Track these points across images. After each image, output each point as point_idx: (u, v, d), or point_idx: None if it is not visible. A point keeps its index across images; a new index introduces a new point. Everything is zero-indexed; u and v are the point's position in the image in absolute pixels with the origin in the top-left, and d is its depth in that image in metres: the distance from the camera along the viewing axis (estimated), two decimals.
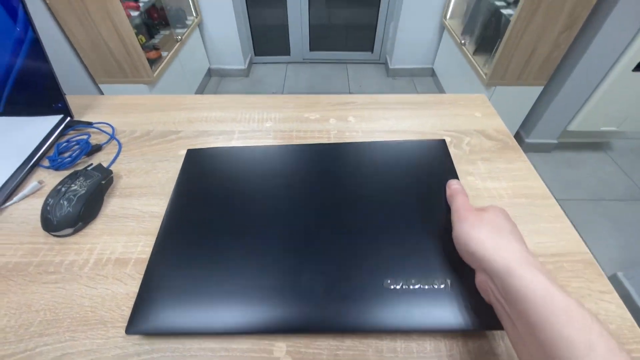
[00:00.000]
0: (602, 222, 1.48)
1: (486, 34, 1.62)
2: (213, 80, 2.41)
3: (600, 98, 1.50)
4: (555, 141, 1.74)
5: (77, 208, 0.37)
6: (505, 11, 1.42)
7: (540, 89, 1.52)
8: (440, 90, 2.19)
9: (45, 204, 0.38)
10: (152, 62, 1.65)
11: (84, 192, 0.39)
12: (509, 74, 1.45)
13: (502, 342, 0.28)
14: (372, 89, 2.34)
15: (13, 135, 0.50)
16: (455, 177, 0.38)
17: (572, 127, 1.64)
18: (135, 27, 1.55)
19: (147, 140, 0.50)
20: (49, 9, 1.32)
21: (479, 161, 0.46)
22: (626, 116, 1.57)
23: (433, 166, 0.39)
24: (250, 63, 2.53)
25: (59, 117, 0.53)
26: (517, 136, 1.77)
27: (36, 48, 0.48)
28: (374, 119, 0.53)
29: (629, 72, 1.39)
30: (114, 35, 1.41)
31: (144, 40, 1.71)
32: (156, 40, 1.84)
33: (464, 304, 0.28)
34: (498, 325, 0.24)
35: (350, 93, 2.30)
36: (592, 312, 0.19)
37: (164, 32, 1.91)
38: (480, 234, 0.25)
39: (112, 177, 0.44)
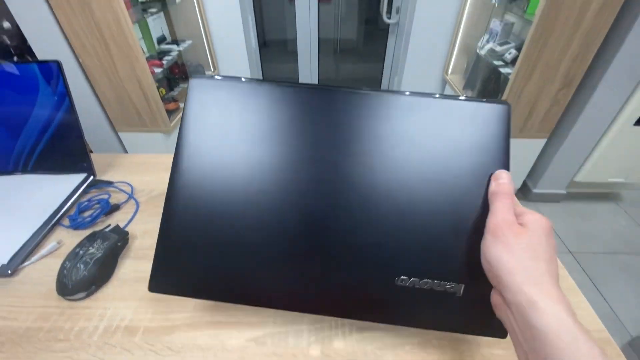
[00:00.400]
0: (622, 278, 1.42)
1: (487, 89, 1.70)
2: None
3: (604, 151, 1.52)
4: (563, 192, 1.73)
5: (92, 271, 0.38)
6: (503, 70, 1.50)
7: (543, 141, 1.56)
8: None
9: (62, 267, 0.39)
10: (170, 112, 1.75)
11: (100, 255, 0.40)
12: (512, 127, 1.49)
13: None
14: None
15: (39, 193, 0.53)
16: (507, 165, 0.28)
17: (579, 178, 1.65)
18: (157, 81, 1.67)
19: (163, 200, 0.52)
20: (82, 69, 1.45)
21: None
22: (632, 168, 1.58)
23: (482, 143, 0.28)
24: None
25: (82, 176, 0.56)
26: (525, 186, 1.77)
27: (70, 114, 0.53)
28: None
29: (630, 126, 1.42)
30: (138, 90, 1.52)
31: (164, 92, 1.84)
32: (175, 93, 1.97)
33: (475, 310, 0.27)
34: (504, 333, 0.25)
35: None
36: None
37: (183, 85, 2.05)
38: (511, 260, 0.23)
39: (127, 238, 0.45)
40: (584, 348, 0.18)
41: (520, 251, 0.23)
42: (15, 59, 1.83)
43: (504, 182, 0.27)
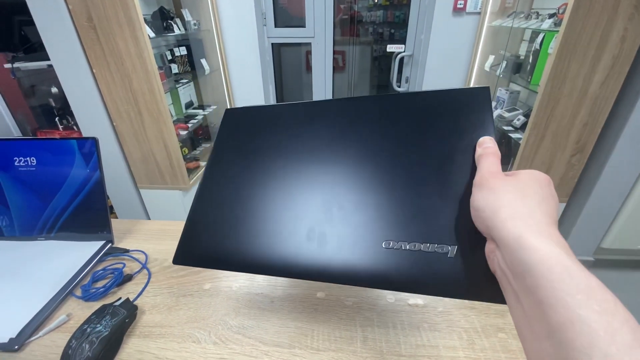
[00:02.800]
0: None
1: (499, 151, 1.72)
2: None
3: (629, 216, 1.46)
4: (591, 258, 1.63)
5: (96, 352, 0.37)
6: (513, 135, 1.54)
7: (562, 205, 1.52)
8: None
9: (68, 346, 0.38)
10: (190, 171, 1.84)
11: (107, 333, 0.39)
12: None
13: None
14: None
15: (57, 260, 0.54)
16: (491, 134, 0.30)
17: (607, 244, 1.56)
18: (181, 141, 1.79)
19: (175, 271, 0.53)
20: (115, 131, 1.57)
21: (509, 314, 0.43)
22: None
23: (466, 119, 0.31)
24: None
25: (101, 243, 0.57)
26: None
27: (99, 188, 0.56)
28: None
29: None
30: (163, 151, 1.62)
31: (186, 151, 1.95)
32: (197, 152, 2.08)
33: (467, 272, 0.26)
34: (501, 299, 0.23)
35: None
36: (616, 297, 0.16)
37: (205, 145, 2.17)
38: (497, 200, 0.22)
39: (136, 314, 0.44)
40: (578, 278, 0.17)
41: (505, 193, 0.23)
42: (57, 119, 2.02)
43: (488, 145, 0.28)
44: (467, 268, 0.26)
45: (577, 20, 1.15)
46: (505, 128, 1.60)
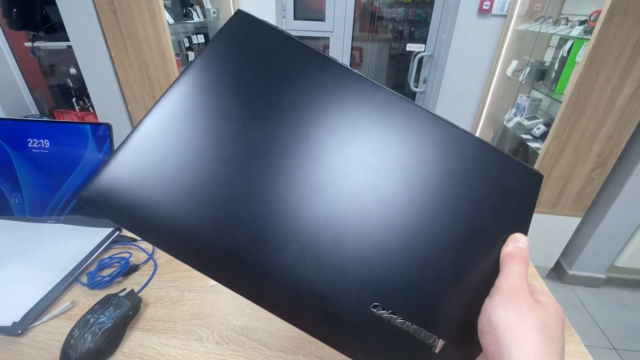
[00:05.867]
0: None
1: None
2: None
3: None
4: (603, 276, 1.59)
5: (98, 344, 0.37)
6: (532, 144, 1.49)
7: (578, 219, 1.47)
8: None
9: (70, 336, 0.37)
10: None
11: (110, 325, 0.39)
12: (543, 203, 1.43)
13: None
14: None
15: (65, 244, 0.54)
16: (525, 231, 0.26)
17: (621, 262, 1.51)
18: None
19: (181, 264, 0.51)
20: (130, 116, 1.58)
21: None
22: None
23: (509, 195, 0.27)
24: None
25: (109, 230, 0.57)
26: (558, 266, 1.64)
27: None
28: None
29: None
30: None
31: None
32: None
33: None
34: None
35: None
36: None
37: None
38: (521, 333, 0.20)
39: (140, 306, 0.44)
40: None
41: (534, 327, 0.20)
42: (74, 99, 2.04)
43: (522, 247, 0.24)
44: None
45: (609, 29, 1.10)
46: (524, 136, 1.55)
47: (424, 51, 2.10)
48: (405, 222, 0.25)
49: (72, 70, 1.98)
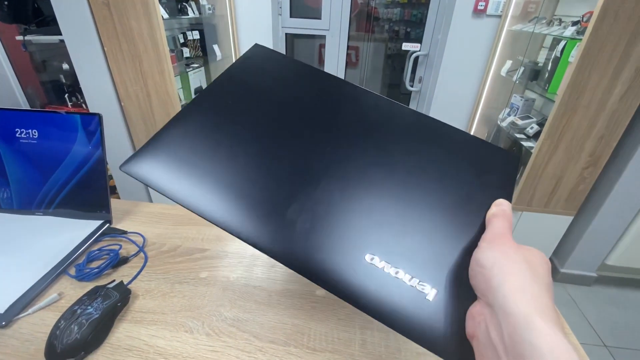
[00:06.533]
0: None
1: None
2: None
3: (637, 234, 1.43)
4: (594, 274, 1.61)
5: (85, 335, 0.36)
6: (525, 143, 1.50)
7: (570, 218, 1.49)
8: None
9: (56, 326, 0.37)
10: None
11: (97, 316, 0.38)
12: (536, 202, 1.44)
13: None
14: None
15: (53, 236, 0.53)
16: (510, 200, 0.29)
17: (611, 261, 1.53)
18: None
19: (172, 257, 0.51)
20: (122, 111, 1.56)
21: None
22: None
23: (492, 176, 0.32)
24: None
25: (98, 223, 0.56)
26: (550, 263, 1.66)
27: (100, 165, 0.55)
28: None
29: None
30: None
31: None
32: None
33: (440, 325, 0.24)
34: None
35: None
36: None
37: None
38: (507, 266, 0.21)
39: (128, 298, 0.43)
40: None
41: (517, 261, 0.21)
42: (66, 95, 2.01)
43: (505, 209, 0.27)
44: (442, 320, 0.24)
45: (601, 30, 1.11)
46: (518, 136, 1.56)
47: (420, 50, 2.11)
48: (407, 191, 0.30)
49: (65, 66, 1.96)
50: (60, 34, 1.43)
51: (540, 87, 1.53)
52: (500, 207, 0.27)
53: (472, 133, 2.10)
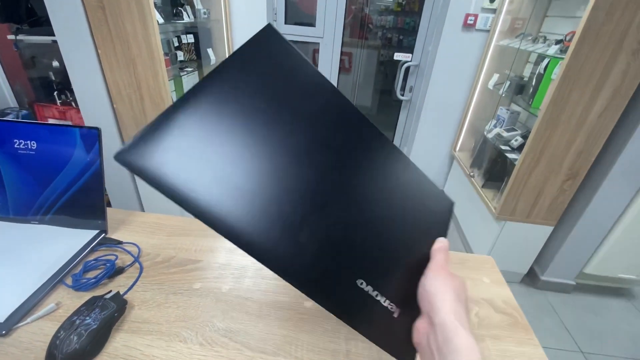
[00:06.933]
0: None
1: (493, 170, 1.74)
2: None
3: (613, 245, 1.50)
4: (573, 282, 1.67)
5: (84, 345, 0.38)
6: (510, 155, 1.56)
7: (550, 228, 1.55)
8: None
9: (56, 336, 0.38)
10: None
11: (95, 326, 0.40)
12: (518, 212, 1.50)
13: None
14: None
15: (50, 246, 0.54)
16: (445, 235, 0.38)
17: (589, 270, 1.60)
18: None
19: (167, 267, 0.53)
20: (115, 113, 1.56)
21: (487, 339, 0.45)
22: None
23: (439, 213, 0.39)
24: None
25: (94, 232, 0.58)
26: (532, 271, 1.72)
27: (97, 177, 0.56)
28: None
29: (639, 223, 1.42)
30: None
31: None
32: None
33: (399, 334, 0.31)
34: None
35: None
36: None
37: None
38: (446, 294, 0.30)
39: (125, 308, 0.45)
40: None
41: (451, 290, 0.30)
42: (55, 93, 1.99)
43: (444, 245, 0.36)
44: (400, 331, 0.31)
45: (582, 50, 1.17)
46: (503, 147, 1.62)
47: (411, 61, 2.16)
48: (384, 227, 0.34)
49: (55, 63, 1.94)
50: (54, 35, 1.42)
51: (524, 101, 1.58)
52: (442, 244, 0.35)
53: (460, 143, 2.16)
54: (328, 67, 2.33)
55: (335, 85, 0.40)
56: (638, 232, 1.44)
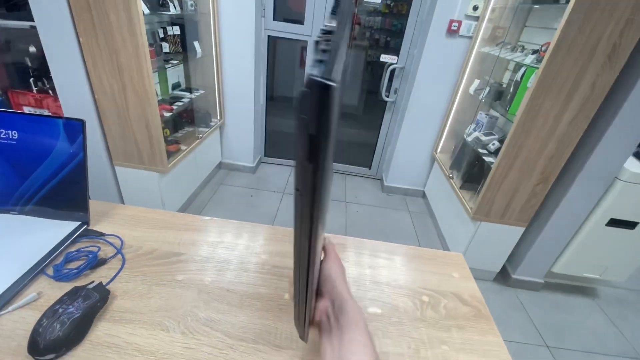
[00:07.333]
0: None
1: (471, 173, 1.82)
2: (221, 172, 2.58)
3: (579, 246, 1.59)
4: (541, 280, 1.77)
5: (67, 332, 0.39)
6: (487, 159, 1.63)
7: (522, 229, 1.63)
8: (430, 212, 2.33)
9: (39, 324, 0.39)
10: (170, 154, 1.81)
11: (78, 315, 0.41)
12: (493, 213, 1.57)
13: None
14: (366, 201, 2.48)
15: (31, 236, 0.54)
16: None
17: (557, 269, 1.69)
18: (164, 122, 1.75)
19: (149, 260, 0.54)
20: (95, 103, 1.53)
21: (453, 328, 0.48)
22: (607, 266, 1.64)
23: None
24: (259, 162, 2.75)
25: (76, 224, 0.58)
26: (504, 270, 1.80)
27: (80, 169, 0.56)
28: (358, 264, 0.58)
29: (602, 226, 1.51)
30: (144, 130, 1.59)
31: (168, 133, 1.92)
32: (179, 135, 2.05)
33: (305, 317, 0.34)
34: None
35: (346, 202, 2.44)
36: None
37: (188, 129, 2.14)
38: (339, 277, 0.37)
39: (107, 298, 0.46)
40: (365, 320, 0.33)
41: (340, 272, 0.38)
42: (31, 80, 1.92)
43: (333, 241, 0.42)
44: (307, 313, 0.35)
45: (556, 60, 1.24)
46: (481, 151, 1.69)
47: (397, 63, 2.21)
48: None
49: (32, 49, 1.86)
50: (32, 20, 1.38)
51: (502, 107, 1.65)
52: (331, 242, 0.42)
53: (441, 145, 2.22)
54: None
55: None
56: (601, 234, 1.53)
